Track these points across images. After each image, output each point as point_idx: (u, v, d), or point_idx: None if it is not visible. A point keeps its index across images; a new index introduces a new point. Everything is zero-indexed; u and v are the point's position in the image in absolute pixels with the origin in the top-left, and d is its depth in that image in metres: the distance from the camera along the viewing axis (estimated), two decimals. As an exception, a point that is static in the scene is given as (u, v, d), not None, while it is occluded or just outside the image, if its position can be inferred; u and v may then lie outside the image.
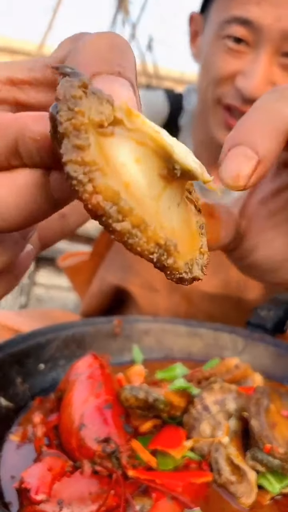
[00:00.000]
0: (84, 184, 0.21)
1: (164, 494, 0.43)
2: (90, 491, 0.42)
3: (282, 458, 0.44)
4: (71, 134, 0.21)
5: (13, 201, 0.24)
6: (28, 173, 0.25)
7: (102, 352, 0.72)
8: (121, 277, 1.03)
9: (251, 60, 0.71)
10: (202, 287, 0.96)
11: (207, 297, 0.97)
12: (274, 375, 0.67)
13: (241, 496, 0.44)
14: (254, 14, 0.68)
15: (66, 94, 0.21)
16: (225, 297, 0.96)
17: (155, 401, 0.50)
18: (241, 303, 0.97)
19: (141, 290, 1.01)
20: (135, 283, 1.01)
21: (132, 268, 1.01)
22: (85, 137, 0.21)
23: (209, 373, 0.61)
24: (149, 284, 1.00)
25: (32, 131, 0.24)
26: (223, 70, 0.75)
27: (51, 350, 0.67)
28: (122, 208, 0.22)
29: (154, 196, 0.24)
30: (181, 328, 0.76)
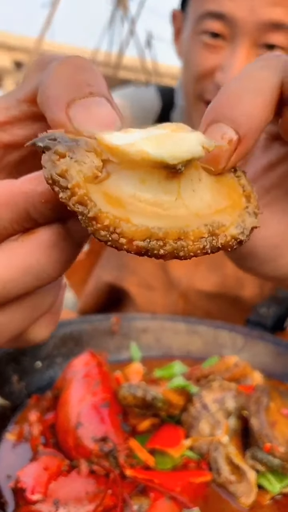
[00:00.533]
0: (118, 240, 0.23)
1: (162, 494, 0.43)
2: (87, 490, 0.42)
3: (283, 457, 0.43)
4: (81, 210, 0.23)
5: (47, 259, 0.26)
6: (49, 230, 0.26)
7: (99, 350, 0.71)
8: (118, 276, 1.02)
9: (228, 54, 0.71)
10: (199, 286, 0.96)
11: (205, 295, 0.97)
12: (273, 373, 0.67)
13: (240, 496, 0.44)
14: (227, 7, 0.68)
15: (53, 176, 0.23)
16: (222, 295, 0.96)
17: (153, 399, 0.50)
18: (238, 301, 0.96)
19: (138, 289, 1.00)
20: (131, 282, 1.01)
21: (129, 267, 1.00)
22: (93, 205, 0.23)
23: (208, 371, 0.60)
24: (146, 282, 1.00)
25: (40, 195, 0.24)
26: (202, 66, 0.74)
27: (48, 347, 0.66)
28: (157, 235, 0.23)
29: (175, 197, 0.25)
30: (180, 326, 0.75)
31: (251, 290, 0.95)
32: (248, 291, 0.95)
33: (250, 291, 0.95)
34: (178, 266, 0.96)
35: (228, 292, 0.95)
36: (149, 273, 0.99)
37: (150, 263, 0.97)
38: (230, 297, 0.96)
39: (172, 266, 0.96)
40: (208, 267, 0.94)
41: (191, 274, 0.95)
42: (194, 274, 0.95)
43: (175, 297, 0.98)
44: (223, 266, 0.94)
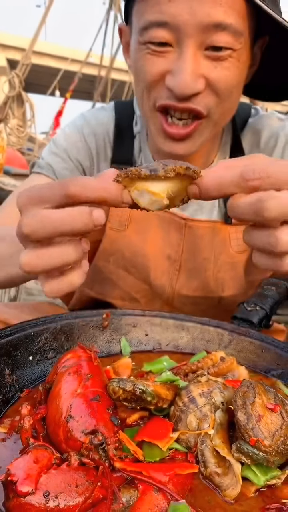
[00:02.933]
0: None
1: (151, 486, 0.44)
2: (77, 483, 0.42)
3: (267, 450, 0.44)
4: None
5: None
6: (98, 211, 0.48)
7: (90, 344, 0.72)
8: (100, 291, 1.04)
9: (176, 58, 0.70)
10: (182, 291, 0.97)
11: (189, 300, 0.98)
12: (259, 368, 0.68)
13: (226, 488, 0.45)
14: (168, 14, 0.67)
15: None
16: (205, 298, 0.98)
17: (142, 393, 0.51)
18: (221, 303, 0.98)
19: (122, 302, 1.02)
20: (115, 296, 1.02)
21: (111, 282, 1.01)
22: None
23: (196, 366, 0.62)
24: (129, 295, 1.01)
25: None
26: (150, 73, 0.73)
27: (39, 342, 0.66)
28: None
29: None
30: (169, 322, 0.76)
31: (232, 292, 0.96)
32: (229, 292, 0.96)
33: (231, 293, 0.97)
34: (160, 275, 0.97)
35: (211, 295, 0.97)
36: (131, 286, 1.00)
37: (131, 277, 0.98)
38: (214, 299, 0.97)
39: (154, 277, 0.97)
40: (189, 273, 0.96)
41: (174, 281, 0.96)
42: (176, 281, 0.96)
43: (159, 305, 0.99)
44: (203, 271, 0.95)
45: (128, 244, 0.97)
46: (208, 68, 0.70)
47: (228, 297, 0.97)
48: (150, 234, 0.96)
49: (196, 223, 0.94)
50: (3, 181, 4.62)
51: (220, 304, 0.98)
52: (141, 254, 0.97)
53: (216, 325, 0.74)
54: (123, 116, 0.99)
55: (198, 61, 0.69)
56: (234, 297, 0.97)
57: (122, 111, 0.99)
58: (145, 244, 0.95)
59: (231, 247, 0.94)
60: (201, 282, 0.96)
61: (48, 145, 1.02)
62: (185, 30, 0.67)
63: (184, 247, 0.95)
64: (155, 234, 0.95)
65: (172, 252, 0.95)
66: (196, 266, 0.95)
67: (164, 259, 0.96)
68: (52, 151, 0.99)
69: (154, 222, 0.95)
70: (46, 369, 0.65)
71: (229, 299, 0.97)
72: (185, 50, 0.68)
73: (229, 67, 0.71)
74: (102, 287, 1.03)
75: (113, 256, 0.98)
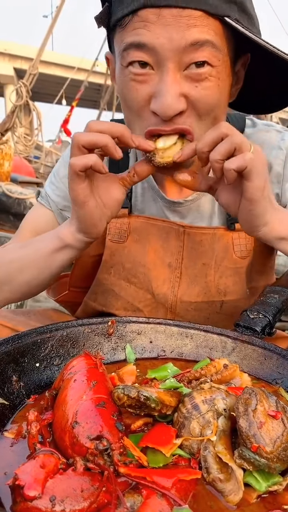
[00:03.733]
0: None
1: (154, 491, 0.44)
2: (82, 488, 0.43)
3: (269, 457, 0.45)
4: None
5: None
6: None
7: (96, 351, 0.73)
8: (103, 303, 1.05)
9: (157, 81, 0.72)
10: (184, 298, 0.98)
11: (192, 306, 0.99)
12: (262, 376, 0.69)
13: (228, 494, 0.46)
14: (146, 37, 0.69)
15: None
16: (207, 303, 0.98)
17: (146, 400, 0.52)
18: (224, 308, 0.99)
19: (125, 312, 1.03)
20: (118, 306, 1.04)
21: (113, 293, 1.03)
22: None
23: (199, 374, 0.63)
24: (131, 305, 1.03)
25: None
26: (136, 100, 0.75)
27: (46, 349, 0.68)
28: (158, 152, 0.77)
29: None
30: (173, 329, 0.77)
31: (234, 297, 0.97)
32: (231, 297, 0.97)
33: (233, 297, 0.97)
34: (162, 283, 0.98)
35: (213, 300, 0.98)
36: (133, 296, 1.01)
37: (133, 287, 1.00)
38: (216, 304, 0.98)
39: (156, 286, 0.98)
40: (190, 279, 0.97)
41: (176, 289, 0.98)
42: (178, 288, 0.98)
43: (162, 314, 1.01)
44: (203, 276, 0.96)
45: (128, 255, 0.98)
46: (188, 88, 0.72)
47: (230, 302, 0.98)
48: (149, 244, 0.98)
49: (195, 230, 0.95)
50: (10, 188, 4.67)
51: (222, 309, 0.99)
52: (141, 264, 0.98)
53: (220, 333, 0.75)
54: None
55: (178, 82, 0.71)
56: (236, 302, 0.98)
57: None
58: (145, 254, 0.97)
59: (234, 253, 0.95)
60: (202, 287, 0.97)
61: (49, 176, 1.08)
62: (162, 53, 0.69)
63: (184, 254, 0.96)
64: (155, 243, 0.97)
65: (173, 260, 0.97)
66: (196, 272, 0.96)
67: (165, 267, 0.98)
68: (51, 181, 1.06)
69: (153, 231, 0.97)
70: (52, 376, 0.66)
71: (231, 304, 0.98)
72: (165, 73, 0.71)
73: (209, 86, 0.73)
74: (104, 299, 1.05)
75: (114, 267, 1.00)
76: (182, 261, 0.96)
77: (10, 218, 4.68)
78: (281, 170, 0.94)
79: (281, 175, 0.94)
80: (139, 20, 0.68)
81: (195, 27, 0.67)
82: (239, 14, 0.70)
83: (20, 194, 4.61)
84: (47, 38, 6.30)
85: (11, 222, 4.68)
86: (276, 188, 0.94)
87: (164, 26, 0.67)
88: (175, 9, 0.66)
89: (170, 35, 0.68)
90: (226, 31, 0.71)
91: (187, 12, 0.67)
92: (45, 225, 1.01)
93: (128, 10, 0.69)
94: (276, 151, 0.94)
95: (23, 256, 0.87)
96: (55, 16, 6.59)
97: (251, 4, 0.74)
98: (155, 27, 0.68)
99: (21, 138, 6.50)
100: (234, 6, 0.69)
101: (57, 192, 1.04)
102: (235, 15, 0.69)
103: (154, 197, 0.99)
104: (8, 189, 4.59)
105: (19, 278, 0.87)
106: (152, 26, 0.68)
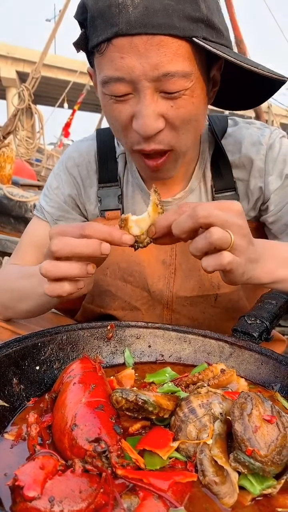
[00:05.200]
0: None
1: (151, 493, 0.45)
2: (80, 489, 0.44)
3: (263, 460, 0.46)
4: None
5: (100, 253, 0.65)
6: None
7: (95, 355, 0.74)
8: (100, 305, 1.08)
9: (136, 102, 0.77)
10: (180, 293, 1.00)
11: (188, 301, 1.01)
12: (258, 381, 0.70)
13: (223, 497, 0.47)
14: (122, 71, 0.73)
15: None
16: (202, 297, 1.00)
17: (144, 403, 0.53)
18: (219, 301, 1.01)
19: (123, 312, 1.05)
20: (115, 307, 1.06)
21: (110, 294, 1.05)
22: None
23: (196, 378, 0.64)
24: (128, 304, 1.05)
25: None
26: (120, 120, 0.80)
27: (46, 352, 0.69)
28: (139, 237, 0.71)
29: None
30: (171, 334, 0.78)
31: (227, 289, 0.99)
32: (225, 290, 0.99)
33: (227, 290, 0.99)
34: (157, 280, 1.00)
35: (208, 293, 1.00)
36: (130, 295, 1.03)
37: (130, 286, 1.01)
38: (211, 297, 1.00)
39: (152, 283, 1.00)
40: (184, 274, 0.99)
41: (171, 284, 0.99)
42: (173, 283, 0.99)
43: (160, 310, 1.02)
44: (197, 270, 0.99)
45: (123, 255, 1.00)
46: (165, 107, 0.76)
47: (224, 295, 1.00)
48: None
49: None
50: (12, 191, 4.68)
51: (217, 302, 1.01)
52: (136, 263, 1.00)
53: (217, 338, 0.76)
54: (104, 141, 1.05)
55: (156, 102, 0.76)
56: (230, 295, 1.00)
57: (103, 137, 1.06)
58: (139, 253, 0.99)
59: None
60: (197, 281, 0.99)
61: (43, 189, 1.11)
62: (139, 82, 0.73)
63: (177, 250, 0.99)
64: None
65: (166, 257, 0.99)
66: (190, 266, 0.98)
67: (159, 264, 1.00)
68: (45, 194, 1.09)
69: None
70: (52, 379, 0.67)
71: (226, 297, 1.00)
72: (142, 96, 0.75)
73: (184, 104, 0.77)
74: (102, 300, 1.06)
75: (109, 268, 1.02)
76: (176, 257, 0.99)
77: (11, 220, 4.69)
78: (263, 165, 0.96)
79: (263, 169, 0.96)
80: (115, 50, 0.72)
81: (165, 56, 0.71)
82: (206, 30, 0.73)
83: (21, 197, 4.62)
84: (50, 42, 6.32)
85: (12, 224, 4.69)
86: (259, 182, 0.97)
87: (137, 57, 0.71)
88: (145, 36, 0.69)
89: (143, 66, 0.71)
90: (195, 48, 0.74)
91: (157, 39, 0.70)
92: (44, 237, 1.03)
93: (103, 38, 0.72)
94: (258, 147, 0.96)
95: (22, 287, 0.91)
96: (58, 20, 6.62)
97: (218, 17, 0.76)
98: (130, 58, 0.71)
99: (23, 141, 6.51)
100: (201, 24, 0.72)
101: (51, 204, 1.07)
102: (203, 33, 0.72)
103: (144, 198, 1.01)
104: (10, 191, 4.60)
105: (20, 307, 0.92)
106: (127, 58, 0.71)
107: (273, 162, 0.96)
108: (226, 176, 0.98)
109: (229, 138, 1.00)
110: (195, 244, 0.63)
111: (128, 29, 0.69)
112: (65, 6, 6.71)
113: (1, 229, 4.71)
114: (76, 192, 1.05)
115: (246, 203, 0.99)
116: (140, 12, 0.68)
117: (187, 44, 0.72)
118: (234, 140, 0.99)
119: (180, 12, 0.69)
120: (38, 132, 6.95)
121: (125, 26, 0.69)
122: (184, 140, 0.82)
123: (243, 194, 0.98)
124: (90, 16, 0.74)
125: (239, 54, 0.78)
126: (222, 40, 0.76)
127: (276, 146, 0.96)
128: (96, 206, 1.03)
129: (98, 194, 1.02)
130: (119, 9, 0.69)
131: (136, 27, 0.69)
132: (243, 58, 0.76)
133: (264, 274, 0.72)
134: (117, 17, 0.69)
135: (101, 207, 1.02)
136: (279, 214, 0.97)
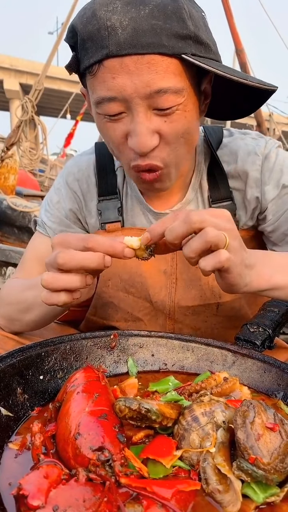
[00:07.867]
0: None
1: (155, 502, 0.45)
2: (84, 498, 0.44)
3: (266, 468, 0.46)
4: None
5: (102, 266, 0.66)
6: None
7: (98, 364, 0.74)
8: (103, 316, 1.08)
9: (130, 120, 0.78)
10: (182, 303, 1.00)
11: (190, 311, 1.01)
12: (261, 389, 0.70)
13: (227, 505, 0.47)
14: (114, 90, 0.74)
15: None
16: (204, 306, 1.01)
17: (147, 412, 0.53)
18: (220, 310, 1.01)
19: (125, 324, 1.06)
20: (117, 318, 1.06)
21: (112, 305, 1.06)
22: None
23: (199, 387, 0.64)
24: (131, 316, 1.05)
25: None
26: (115, 138, 0.81)
27: (50, 362, 0.69)
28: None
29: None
30: (174, 343, 0.79)
31: (229, 297, 1.00)
32: (226, 298, 1.00)
33: (228, 298, 1.00)
34: (159, 290, 1.01)
35: (209, 302, 1.00)
36: (132, 306, 1.04)
37: (132, 297, 1.02)
38: (212, 306, 1.01)
39: (153, 293, 1.01)
40: (185, 283, 1.00)
41: (173, 294, 1.00)
42: (175, 293, 1.00)
43: (162, 320, 1.03)
44: (198, 280, 0.99)
45: (124, 266, 1.01)
46: (159, 123, 0.78)
47: (226, 304, 1.00)
48: None
49: None
50: (15, 202, 4.71)
51: (219, 310, 1.01)
52: (138, 274, 1.01)
53: (220, 346, 0.76)
54: (103, 154, 1.07)
55: (149, 120, 0.77)
56: (231, 303, 1.00)
57: (102, 150, 1.07)
58: (140, 264, 1.00)
59: None
60: (198, 291, 1.00)
61: (43, 204, 1.13)
62: (132, 101, 0.75)
63: (178, 260, 0.99)
64: None
65: (167, 267, 1.00)
66: (191, 276, 0.99)
67: (161, 275, 1.00)
68: (46, 209, 1.10)
69: None
70: (56, 388, 0.68)
71: (227, 305, 1.01)
72: (136, 115, 0.76)
73: (177, 119, 0.78)
74: (104, 312, 1.07)
75: (111, 280, 1.03)
76: (177, 266, 0.99)
77: (14, 231, 4.72)
78: (259, 175, 0.97)
79: (259, 179, 0.97)
80: (106, 71, 0.73)
81: (156, 74, 0.72)
82: (195, 46, 0.74)
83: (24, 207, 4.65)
84: (52, 55, 6.40)
85: (16, 235, 4.72)
86: (256, 192, 0.97)
87: (129, 76, 0.72)
88: (136, 56, 0.71)
89: (135, 84, 0.73)
90: (185, 64, 0.75)
91: (147, 58, 0.71)
92: (47, 252, 1.04)
93: (94, 60, 0.73)
94: (253, 157, 0.97)
95: (26, 299, 0.91)
96: (61, 33, 6.72)
97: (205, 32, 0.77)
98: (121, 77, 0.73)
99: (26, 152, 6.58)
100: (189, 41, 0.73)
101: (52, 219, 1.08)
102: (191, 50, 0.74)
103: (142, 210, 1.02)
104: (13, 202, 4.63)
105: (26, 318, 0.93)
106: (118, 77, 0.73)
107: (269, 172, 0.97)
108: (223, 186, 0.99)
109: (225, 149, 1.01)
110: (190, 246, 0.63)
111: (118, 50, 0.70)
112: (67, 19, 6.81)
113: (5, 239, 4.73)
114: (77, 206, 1.07)
115: (244, 213, 1.00)
116: (129, 34, 0.70)
117: (176, 61, 0.73)
118: (230, 151, 1.00)
119: (168, 31, 0.71)
120: (41, 143, 7.01)
121: (115, 47, 0.70)
122: (178, 153, 0.83)
123: (240, 204, 0.99)
124: (81, 39, 0.75)
125: (228, 67, 0.79)
126: (210, 55, 0.78)
127: (272, 156, 0.97)
128: (97, 219, 1.05)
129: (98, 207, 1.04)
130: (108, 32, 0.70)
131: (125, 48, 0.70)
132: (232, 70, 0.78)
133: (261, 280, 0.73)
134: (107, 39, 0.71)
135: (101, 220, 1.03)
136: (277, 223, 0.97)
